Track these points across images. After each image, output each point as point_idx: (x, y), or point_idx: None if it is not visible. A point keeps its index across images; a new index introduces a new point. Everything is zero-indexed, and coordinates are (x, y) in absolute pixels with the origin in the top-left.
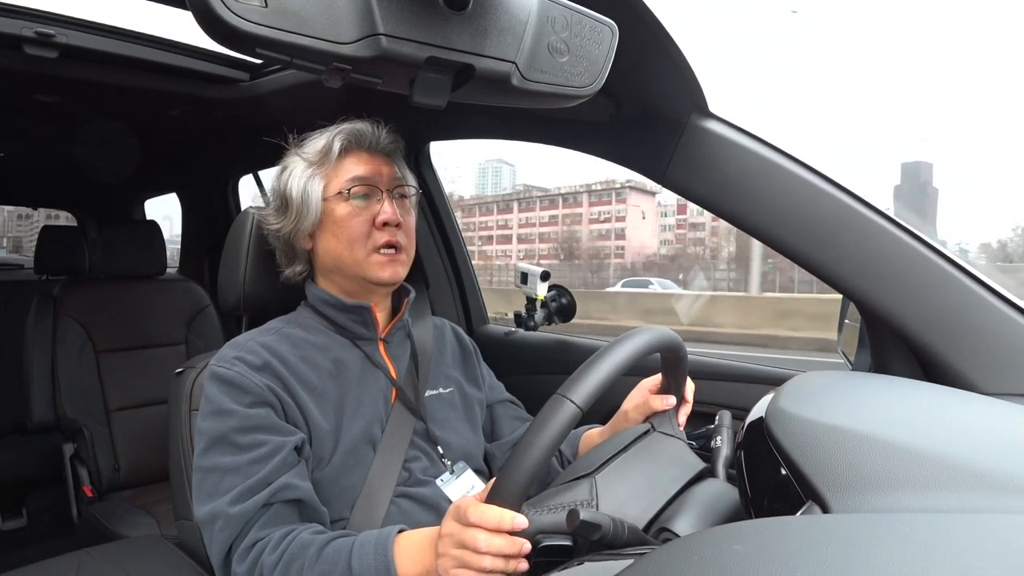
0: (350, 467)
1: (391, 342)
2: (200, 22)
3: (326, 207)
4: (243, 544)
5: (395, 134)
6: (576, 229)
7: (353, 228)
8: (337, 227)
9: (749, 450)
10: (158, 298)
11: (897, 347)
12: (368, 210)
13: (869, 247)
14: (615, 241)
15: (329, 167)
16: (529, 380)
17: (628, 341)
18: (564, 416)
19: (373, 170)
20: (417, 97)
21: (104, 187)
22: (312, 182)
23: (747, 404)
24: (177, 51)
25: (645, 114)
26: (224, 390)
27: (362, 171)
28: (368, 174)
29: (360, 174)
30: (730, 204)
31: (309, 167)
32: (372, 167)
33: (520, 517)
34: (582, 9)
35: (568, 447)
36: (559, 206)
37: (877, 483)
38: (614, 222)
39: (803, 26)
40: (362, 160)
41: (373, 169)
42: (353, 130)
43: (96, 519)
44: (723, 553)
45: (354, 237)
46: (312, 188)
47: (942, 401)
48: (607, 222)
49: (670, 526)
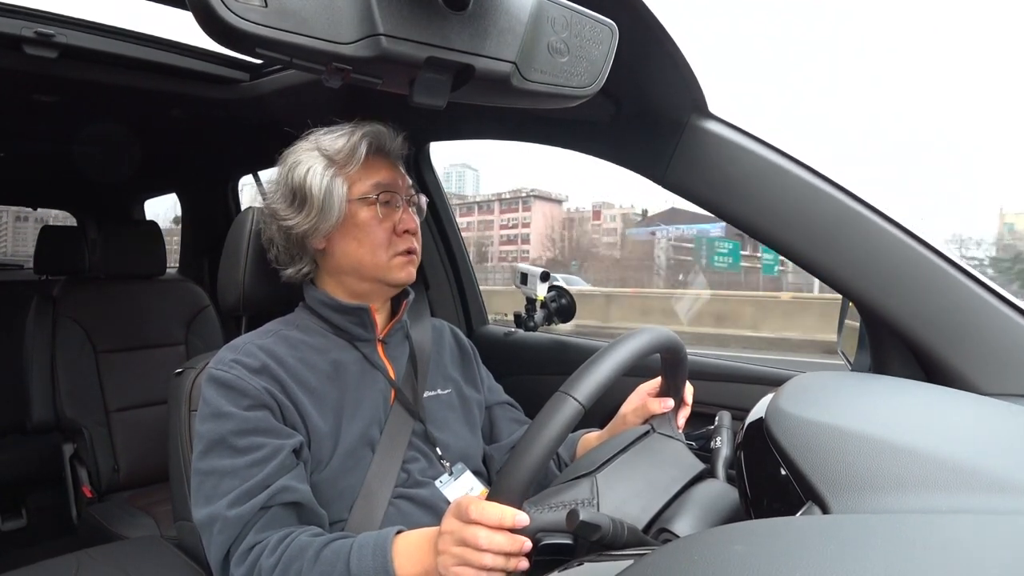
0: (349, 469)
1: (389, 343)
2: (200, 22)
3: (349, 210)
4: (241, 547)
5: (408, 141)
6: (488, 234)
7: (377, 235)
8: (360, 231)
9: (749, 451)
10: (158, 298)
11: (897, 348)
12: (390, 218)
13: (869, 247)
14: (521, 245)
15: (353, 169)
16: (529, 380)
17: (630, 341)
18: (566, 413)
19: (394, 178)
20: (417, 97)
21: (104, 187)
22: (335, 182)
23: (747, 405)
24: (177, 51)
25: (645, 114)
26: (222, 393)
27: (385, 178)
28: (390, 181)
29: (384, 181)
30: (730, 204)
31: (331, 166)
32: (393, 174)
33: (521, 515)
34: (582, 9)
35: (566, 450)
36: (475, 213)
37: (877, 484)
38: (520, 228)
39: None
40: (385, 166)
41: (394, 177)
42: (377, 133)
43: (95, 520)
44: (723, 554)
45: (378, 243)
46: (336, 189)
47: (942, 402)
48: (515, 228)
49: (670, 527)
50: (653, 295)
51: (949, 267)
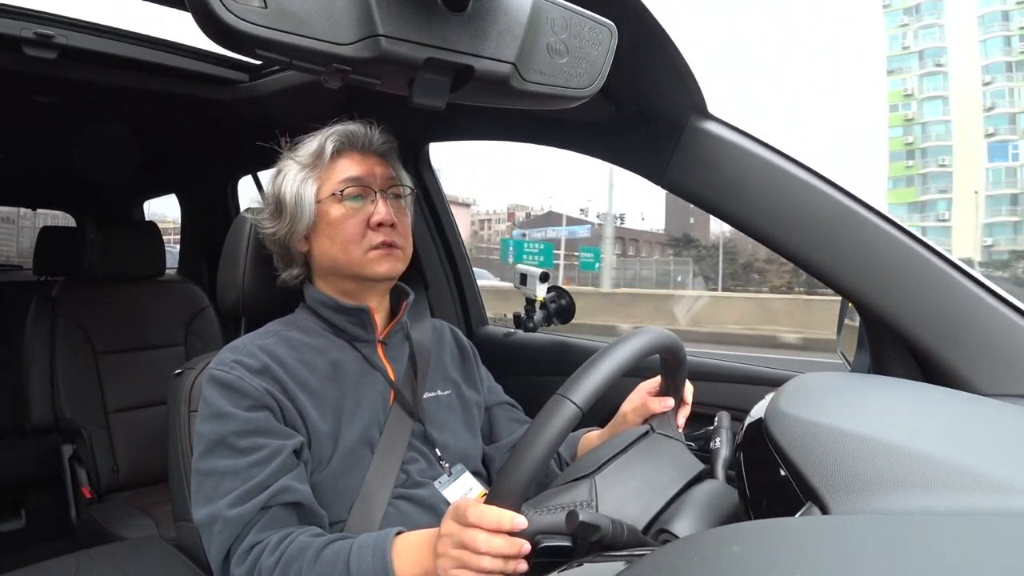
0: (348, 469)
1: (389, 344)
2: (200, 23)
3: (320, 209)
4: (242, 547)
5: (388, 134)
6: None
7: (347, 229)
8: (332, 229)
9: (748, 451)
10: (157, 299)
11: (896, 348)
12: (362, 211)
13: (868, 248)
14: None
15: (322, 169)
16: (528, 381)
17: (628, 342)
18: (564, 416)
19: (366, 170)
20: (416, 98)
21: (103, 188)
22: (305, 185)
23: (746, 405)
24: (176, 52)
25: (644, 115)
26: (223, 394)
27: (355, 172)
28: (361, 174)
29: (353, 175)
30: (729, 205)
31: (303, 170)
32: (365, 167)
33: (520, 517)
34: (581, 10)
35: (566, 450)
36: None
37: (876, 484)
38: None
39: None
40: (355, 161)
41: (366, 169)
42: (345, 131)
43: (95, 520)
44: (722, 554)
45: (349, 238)
46: (305, 191)
47: (941, 402)
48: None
49: (669, 527)
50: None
51: (948, 267)
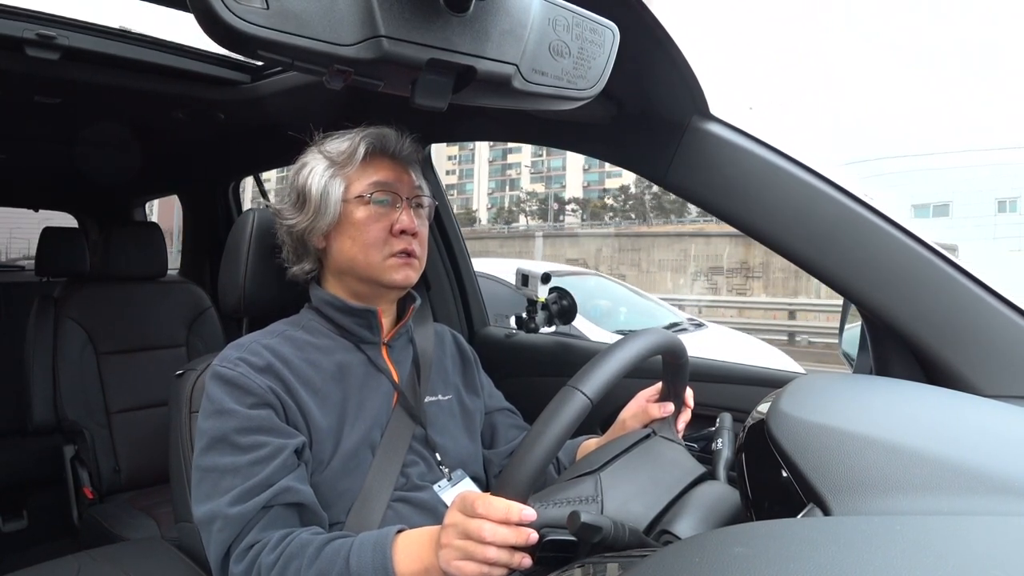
0: (349, 471)
1: (394, 347)
2: (202, 24)
3: (345, 209)
4: (242, 545)
5: (418, 144)
6: None
7: (371, 233)
8: (355, 230)
9: (750, 452)
10: (159, 300)
11: (898, 349)
12: (387, 217)
13: (870, 249)
14: None
15: (352, 169)
16: (530, 382)
17: (637, 339)
18: (574, 407)
19: (395, 177)
20: (418, 99)
21: (105, 189)
22: (333, 182)
23: (748, 406)
24: (178, 53)
25: (646, 116)
26: (226, 390)
27: (385, 176)
28: (390, 180)
29: (383, 179)
30: (731, 206)
31: (331, 167)
32: (395, 174)
33: (528, 509)
34: (583, 11)
35: (565, 456)
36: None
37: (878, 486)
38: None
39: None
40: (385, 166)
41: (396, 176)
42: (379, 134)
43: (96, 521)
44: (724, 555)
45: (371, 242)
46: (333, 188)
47: (943, 403)
48: None
49: (671, 528)
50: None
51: (950, 269)
